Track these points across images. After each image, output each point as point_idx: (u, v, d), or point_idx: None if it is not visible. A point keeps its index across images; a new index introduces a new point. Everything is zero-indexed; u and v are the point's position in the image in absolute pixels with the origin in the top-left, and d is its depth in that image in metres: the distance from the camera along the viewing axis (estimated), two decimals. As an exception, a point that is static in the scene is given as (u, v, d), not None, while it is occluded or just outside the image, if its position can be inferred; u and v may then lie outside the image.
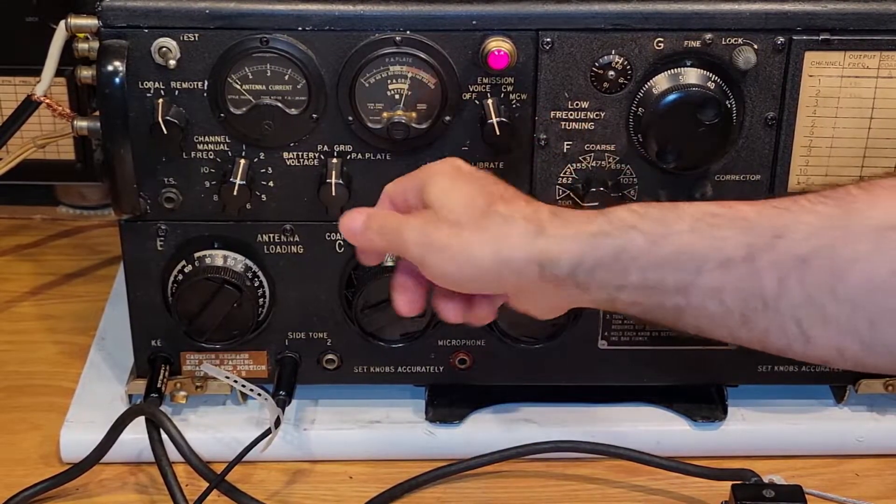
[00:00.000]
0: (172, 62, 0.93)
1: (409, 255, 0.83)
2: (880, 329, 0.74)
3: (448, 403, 1.08)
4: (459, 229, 0.81)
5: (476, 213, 0.82)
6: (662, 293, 0.79)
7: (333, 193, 0.96)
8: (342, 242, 1.00)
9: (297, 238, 1.01)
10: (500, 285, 0.83)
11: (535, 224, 0.81)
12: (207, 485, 0.99)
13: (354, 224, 0.86)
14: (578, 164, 0.98)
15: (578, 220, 0.82)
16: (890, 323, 0.74)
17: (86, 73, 0.96)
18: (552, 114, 0.97)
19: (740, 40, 0.94)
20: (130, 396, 1.08)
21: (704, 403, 1.08)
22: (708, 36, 0.94)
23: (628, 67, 0.95)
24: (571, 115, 0.97)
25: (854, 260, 0.74)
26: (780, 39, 0.94)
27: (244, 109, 0.95)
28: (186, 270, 1.00)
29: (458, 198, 0.83)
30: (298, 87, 0.94)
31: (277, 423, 1.00)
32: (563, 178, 0.99)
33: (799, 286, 0.75)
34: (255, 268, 1.01)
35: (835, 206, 0.76)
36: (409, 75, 0.94)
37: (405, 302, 0.88)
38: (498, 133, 0.95)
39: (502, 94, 0.96)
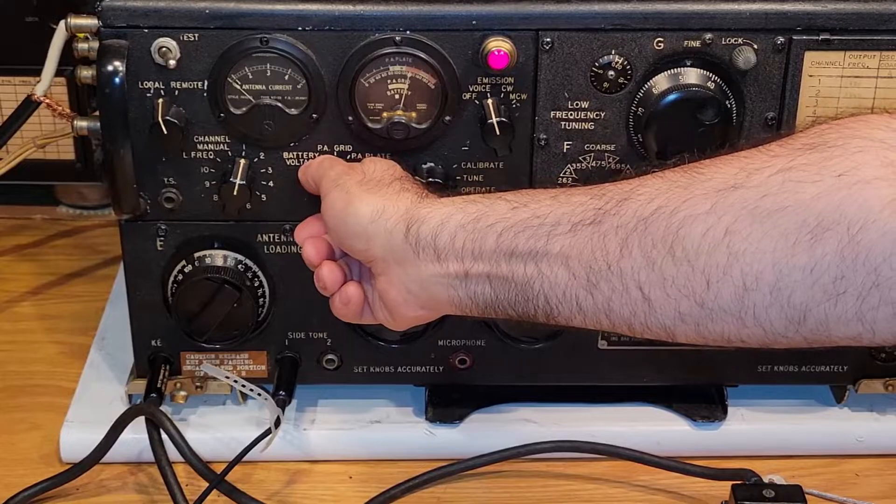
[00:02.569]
0: (172, 62, 0.93)
1: (322, 188, 0.91)
2: (715, 289, 0.74)
3: (448, 403, 1.08)
4: (365, 184, 0.89)
5: (385, 181, 0.89)
6: (514, 261, 0.81)
7: (333, 193, 0.96)
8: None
9: (297, 238, 1.01)
10: (368, 244, 0.86)
11: (421, 197, 0.87)
12: (207, 485, 0.99)
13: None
14: (578, 164, 0.98)
15: (463, 196, 0.87)
16: (725, 283, 0.74)
17: (86, 73, 0.96)
18: (552, 114, 0.97)
19: (740, 40, 0.94)
20: (130, 396, 1.08)
21: (704, 403, 1.08)
22: (708, 36, 0.94)
23: (628, 67, 0.95)
24: (571, 115, 0.97)
25: (692, 218, 0.75)
26: (780, 39, 0.94)
27: (244, 109, 0.95)
28: (186, 270, 1.00)
29: (380, 168, 0.91)
30: (298, 87, 0.94)
31: (277, 423, 1.00)
32: (563, 178, 0.99)
33: (639, 247, 0.76)
34: (255, 268, 1.01)
35: (681, 173, 0.78)
36: (409, 75, 0.94)
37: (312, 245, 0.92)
38: (498, 133, 0.95)
39: (502, 94, 0.96)
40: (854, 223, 0.71)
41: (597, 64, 0.95)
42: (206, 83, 0.95)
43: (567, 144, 0.98)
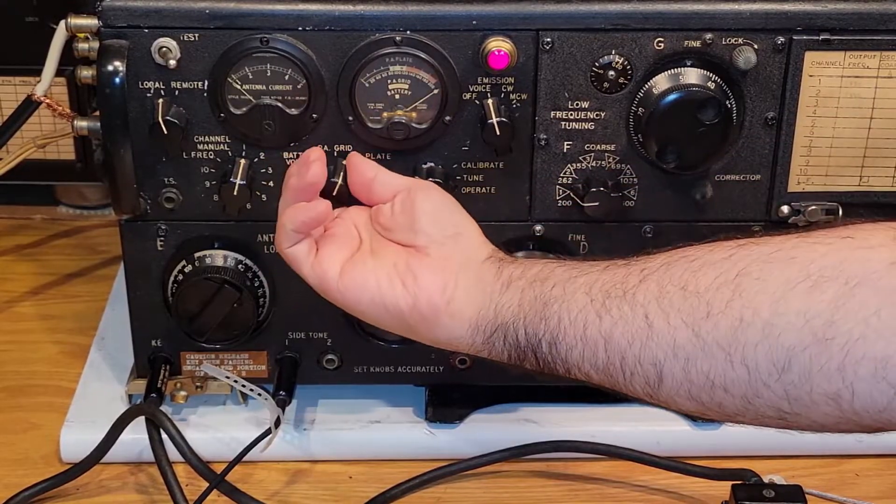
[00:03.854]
0: (172, 62, 0.93)
1: (428, 187, 0.93)
2: (714, 320, 0.78)
3: (448, 403, 1.08)
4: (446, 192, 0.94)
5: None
6: (548, 282, 0.86)
7: (334, 193, 0.96)
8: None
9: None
10: (459, 230, 0.91)
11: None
12: (207, 485, 0.99)
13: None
14: (578, 164, 0.98)
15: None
16: (724, 315, 0.77)
17: (86, 73, 0.96)
18: (552, 114, 0.97)
19: (740, 40, 0.94)
20: (130, 396, 1.08)
21: (704, 403, 1.08)
22: (708, 36, 0.94)
23: (628, 67, 0.95)
24: (571, 115, 0.97)
25: (710, 264, 0.80)
26: (780, 39, 0.94)
27: (244, 109, 0.95)
28: (186, 270, 1.00)
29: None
30: (298, 87, 0.94)
31: (277, 423, 1.00)
32: (563, 178, 0.99)
33: (656, 282, 0.81)
34: (255, 268, 1.01)
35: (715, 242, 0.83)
36: (409, 75, 0.94)
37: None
38: (498, 133, 0.95)
39: (502, 94, 0.96)
40: (853, 277, 0.74)
41: (597, 64, 0.95)
42: (206, 83, 0.95)
43: (567, 144, 0.98)
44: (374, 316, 0.90)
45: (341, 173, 0.95)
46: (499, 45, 0.93)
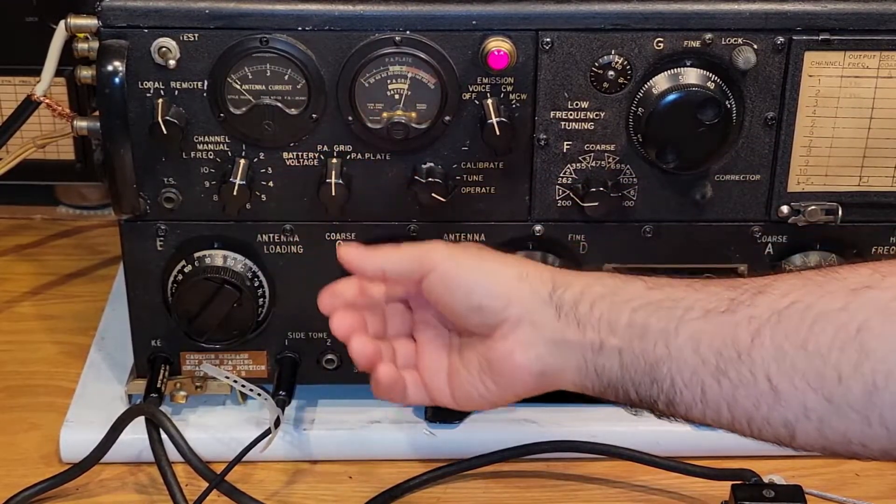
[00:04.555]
0: (172, 62, 0.93)
1: (428, 260, 0.85)
2: (846, 385, 0.75)
3: (448, 403, 1.07)
4: (487, 251, 0.87)
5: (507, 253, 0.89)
6: (647, 339, 0.80)
7: (333, 193, 0.96)
8: (342, 242, 1.00)
9: (296, 238, 1.01)
10: (508, 302, 0.83)
11: (555, 268, 0.87)
12: (207, 485, 0.99)
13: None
14: (578, 164, 0.98)
15: (599, 272, 0.88)
16: (855, 379, 0.74)
17: (86, 73, 0.96)
18: (552, 114, 0.97)
19: (740, 40, 0.94)
20: (130, 396, 1.08)
21: (704, 403, 1.08)
22: (708, 36, 0.94)
23: (628, 67, 0.95)
24: (571, 115, 0.97)
25: (825, 314, 0.76)
26: (780, 39, 0.94)
27: (244, 109, 0.95)
28: (186, 270, 1.00)
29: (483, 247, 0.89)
30: (298, 87, 0.94)
31: (277, 423, 1.00)
32: (563, 178, 0.99)
33: (771, 338, 0.77)
34: (255, 268, 1.01)
35: (818, 272, 0.79)
36: (409, 75, 0.94)
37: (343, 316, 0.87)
38: (498, 133, 0.95)
39: (502, 94, 0.96)
40: None
41: (597, 64, 0.95)
42: (206, 83, 0.95)
43: (567, 144, 0.98)
44: (499, 406, 0.88)
45: (333, 172, 0.96)
46: (498, 45, 0.93)
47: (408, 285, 0.87)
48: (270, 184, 0.99)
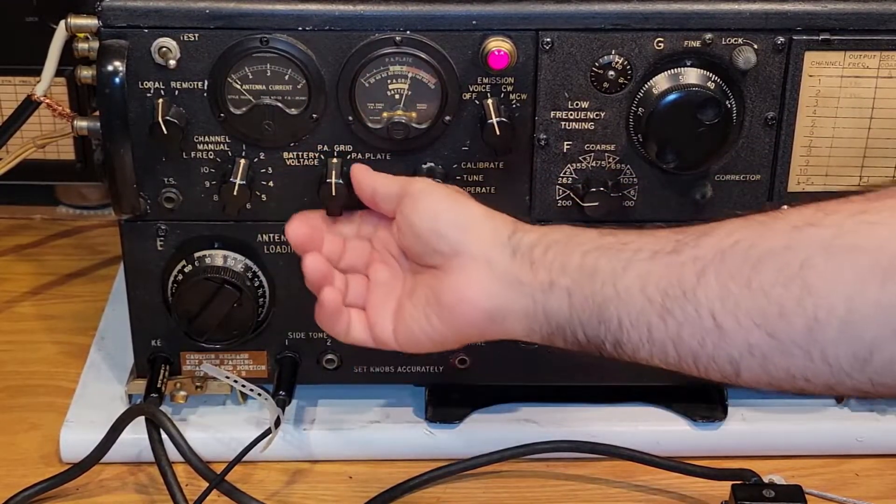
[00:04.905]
0: (172, 62, 0.93)
1: (411, 186, 0.90)
2: (788, 319, 0.75)
3: (448, 403, 1.08)
4: (461, 195, 0.91)
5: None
6: (595, 280, 0.82)
7: (333, 193, 0.96)
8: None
9: (297, 238, 1.01)
10: (464, 236, 0.87)
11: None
12: (207, 485, 0.99)
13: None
14: (578, 164, 0.98)
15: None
16: (797, 314, 0.75)
17: (86, 73, 0.96)
18: (552, 114, 0.97)
19: (740, 40, 0.94)
20: (130, 396, 1.08)
21: (704, 403, 1.08)
22: (708, 36, 0.94)
23: (628, 67, 0.95)
24: (571, 115, 0.97)
25: (769, 252, 0.77)
26: (780, 39, 0.94)
27: (244, 109, 0.95)
28: (186, 270, 1.00)
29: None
30: (298, 87, 0.94)
31: (277, 423, 1.00)
32: (563, 178, 0.99)
33: (716, 277, 0.78)
34: (255, 268, 1.01)
35: (762, 214, 0.80)
36: (409, 75, 0.94)
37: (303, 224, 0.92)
38: (498, 133, 0.95)
39: (502, 94, 0.96)
40: None
41: (597, 64, 0.95)
42: (206, 83, 0.95)
43: (567, 144, 0.98)
44: (438, 350, 0.90)
45: (333, 172, 0.96)
46: (499, 45, 0.93)
47: (386, 211, 0.92)
48: (270, 184, 0.99)
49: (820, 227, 0.76)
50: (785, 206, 0.81)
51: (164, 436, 1.00)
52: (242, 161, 0.97)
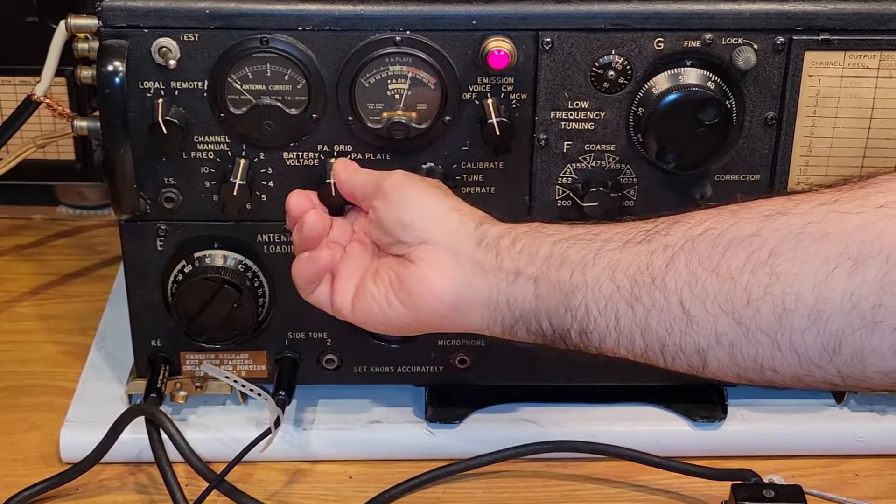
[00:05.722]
0: (172, 62, 0.93)
1: (386, 181, 0.90)
2: (755, 307, 0.75)
3: (448, 403, 1.08)
4: (433, 187, 0.90)
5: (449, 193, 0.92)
6: (564, 268, 0.82)
7: (333, 193, 0.96)
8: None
9: (297, 238, 1.01)
10: (430, 224, 0.87)
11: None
12: (207, 485, 0.99)
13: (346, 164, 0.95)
14: (578, 164, 0.98)
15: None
16: (765, 301, 0.75)
17: (86, 73, 0.96)
18: (552, 114, 0.97)
19: (740, 40, 0.94)
20: (130, 396, 1.08)
21: (704, 403, 1.08)
22: (708, 36, 0.94)
23: (628, 67, 0.95)
24: (571, 115, 0.97)
25: (738, 240, 0.77)
26: (780, 39, 0.94)
27: (244, 109, 0.95)
28: (186, 270, 1.00)
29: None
30: (298, 87, 0.94)
31: (277, 423, 1.00)
32: (563, 178, 0.99)
33: (685, 264, 0.78)
34: (255, 268, 1.01)
35: (734, 203, 0.80)
36: (409, 75, 0.94)
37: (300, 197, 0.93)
38: (498, 133, 0.95)
39: (502, 94, 0.96)
40: (893, 252, 0.72)
41: (597, 64, 0.95)
42: (206, 83, 0.95)
43: (567, 144, 0.98)
44: (394, 333, 0.91)
45: (333, 172, 0.96)
46: (499, 45, 0.93)
47: (366, 208, 0.93)
48: (270, 184, 0.99)
49: (790, 216, 0.76)
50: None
51: (164, 436, 1.00)
52: (242, 161, 0.97)
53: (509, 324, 0.85)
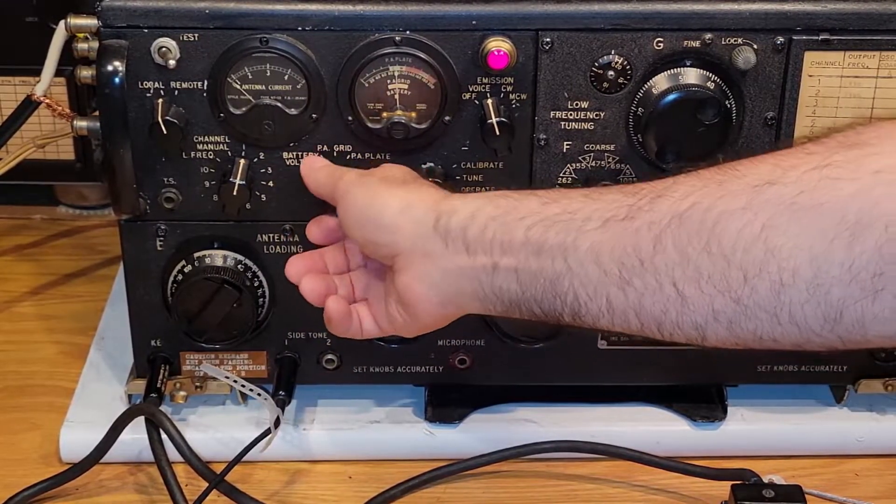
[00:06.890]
0: (172, 62, 0.93)
1: (337, 190, 0.90)
2: (752, 284, 0.73)
3: (447, 403, 1.08)
4: (386, 181, 0.89)
5: (407, 180, 0.90)
6: (544, 256, 0.80)
7: (333, 193, 0.96)
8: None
9: (296, 238, 1.01)
10: (394, 236, 0.85)
11: (445, 192, 0.88)
12: (207, 485, 0.99)
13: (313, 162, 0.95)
14: (578, 164, 0.98)
15: (493, 192, 0.87)
16: (762, 279, 0.73)
17: (86, 73, 0.96)
18: (552, 114, 0.97)
19: (740, 40, 0.94)
20: (130, 396, 1.08)
21: (704, 403, 1.08)
22: (708, 36, 0.94)
23: (628, 67, 0.95)
24: (571, 115, 0.97)
25: (728, 214, 0.74)
26: (780, 39, 0.94)
27: (244, 109, 0.95)
28: (186, 270, 1.00)
29: (397, 170, 0.92)
30: (298, 87, 0.94)
31: (277, 423, 1.00)
32: (562, 178, 0.99)
33: (673, 243, 0.76)
34: (254, 268, 1.01)
35: (717, 171, 0.78)
36: (409, 75, 0.94)
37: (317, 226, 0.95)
38: (498, 133, 0.95)
39: (502, 94, 0.96)
40: (892, 221, 0.70)
41: (597, 64, 0.95)
42: (205, 83, 0.95)
43: (567, 144, 0.98)
44: (425, 332, 0.92)
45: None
46: (498, 45, 0.93)
47: (334, 204, 0.92)
48: (270, 184, 0.99)
49: (780, 185, 0.74)
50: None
51: (163, 436, 1.00)
52: (242, 161, 0.97)
53: (502, 309, 0.84)
